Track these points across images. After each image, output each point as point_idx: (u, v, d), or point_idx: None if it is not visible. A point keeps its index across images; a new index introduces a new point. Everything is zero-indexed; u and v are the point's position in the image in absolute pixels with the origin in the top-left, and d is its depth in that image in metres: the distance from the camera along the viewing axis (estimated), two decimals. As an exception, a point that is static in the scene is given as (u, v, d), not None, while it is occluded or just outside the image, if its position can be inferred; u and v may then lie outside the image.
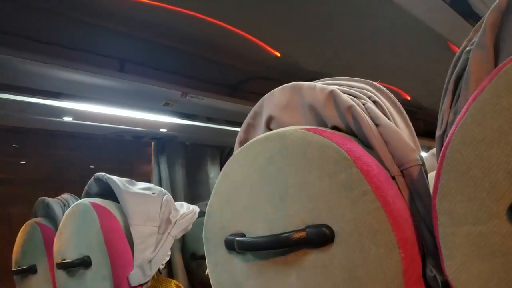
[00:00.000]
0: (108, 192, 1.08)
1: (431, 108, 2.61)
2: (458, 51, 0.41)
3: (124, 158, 2.56)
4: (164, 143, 2.06)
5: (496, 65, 0.35)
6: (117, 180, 1.06)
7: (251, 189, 0.49)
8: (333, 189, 0.40)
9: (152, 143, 2.10)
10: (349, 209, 0.39)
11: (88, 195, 1.16)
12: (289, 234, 0.42)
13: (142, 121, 1.68)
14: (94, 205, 1.00)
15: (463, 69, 0.39)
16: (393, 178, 0.42)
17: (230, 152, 2.37)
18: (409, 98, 2.46)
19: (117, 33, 1.46)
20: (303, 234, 0.41)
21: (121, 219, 1.01)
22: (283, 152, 0.45)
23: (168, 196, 1.12)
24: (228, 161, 0.53)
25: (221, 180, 0.54)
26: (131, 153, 2.57)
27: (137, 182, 1.14)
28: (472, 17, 1.36)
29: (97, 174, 1.12)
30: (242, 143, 0.58)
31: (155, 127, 1.76)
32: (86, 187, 1.17)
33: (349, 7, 1.46)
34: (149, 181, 2.07)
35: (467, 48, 0.39)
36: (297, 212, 0.43)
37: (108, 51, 1.59)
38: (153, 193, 1.09)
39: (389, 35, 1.68)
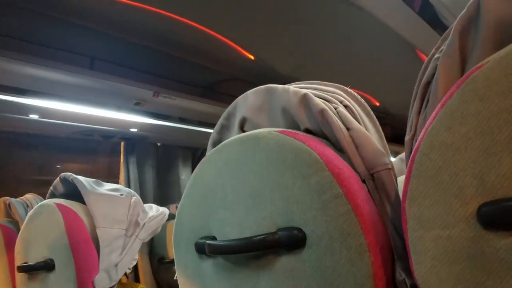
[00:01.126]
0: (74, 193, 1.05)
1: (399, 114, 2.69)
2: (427, 58, 0.42)
3: (92, 158, 2.48)
4: (134, 143, 2.02)
5: (463, 72, 0.37)
6: (83, 181, 1.03)
7: (223, 191, 0.48)
8: (305, 192, 0.40)
9: (122, 143, 2.05)
10: (321, 212, 0.39)
11: (53, 195, 1.12)
12: (261, 237, 0.42)
13: (112, 120, 1.64)
14: (59, 206, 0.96)
15: (432, 75, 0.40)
16: (364, 181, 0.43)
17: (202, 154, 2.35)
18: (377, 104, 2.52)
19: (88, 30, 1.42)
20: (274, 237, 0.41)
21: (87, 221, 0.98)
22: (256, 154, 0.45)
23: (136, 197, 1.10)
24: (201, 162, 0.53)
25: (192, 181, 0.53)
26: (99, 153, 2.49)
27: (105, 183, 1.12)
28: (439, 26, 1.41)
29: (63, 174, 1.09)
30: (215, 144, 0.57)
31: (125, 126, 1.72)
32: (51, 187, 1.13)
33: (321, 13, 1.48)
34: (117, 182, 2.02)
35: (436, 55, 0.40)
36: (269, 215, 0.43)
37: (77, 48, 1.54)
38: (121, 195, 1.06)
39: (359, 42, 1.72)
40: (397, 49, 1.76)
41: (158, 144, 2.19)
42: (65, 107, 1.45)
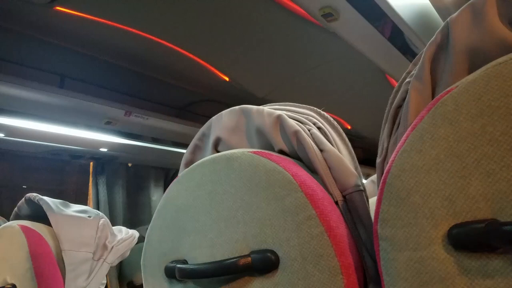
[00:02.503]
0: (40, 215, 1.00)
1: (370, 137, 2.76)
2: (398, 82, 0.43)
3: (60, 178, 2.39)
4: (104, 164, 1.96)
5: (433, 96, 0.38)
6: (50, 202, 0.99)
7: (195, 213, 0.47)
8: (279, 213, 0.40)
9: (91, 163, 1.99)
10: (294, 233, 0.39)
11: (18, 217, 1.07)
12: (233, 260, 0.41)
13: (81, 140, 1.59)
14: (23, 228, 0.91)
15: (403, 99, 0.41)
16: (336, 203, 0.43)
17: (175, 174, 2.31)
18: (349, 127, 2.58)
19: (58, 47, 1.39)
20: (247, 260, 0.40)
21: (53, 244, 0.94)
22: (230, 175, 0.44)
23: (105, 219, 1.06)
24: (172, 183, 0.51)
25: (163, 203, 0.52)
26: (67, 173, 2.41)
27: (72, 204, 1.08)
28: (409, 52, 1.47)
29: (28, 194, 1.04)
30: (188, 165, 0.56)
31: (95, 146, 1.68)
32: (15, 208, 1.08)
33: (296, 38, 1.52)
34: (86, 204, 1.95)
35: (407, 80, 0.41)
36: (242, 237, 0.42)
37: (47, 66, 1.51)
38: (88, 216, 1.02)
39: (332, 67, 1.77)
40: (368, 74, 1.82)
41: (129, 164, 2.14)
42: (32, 125, 1.40)
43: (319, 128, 0.49)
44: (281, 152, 0.48)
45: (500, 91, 0.29)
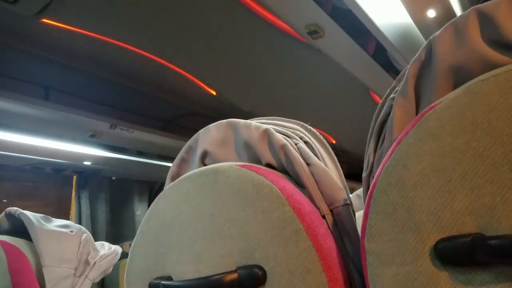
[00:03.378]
0: (20, 229, 0.97)
1: (354, 151, 2.79)
2: (383, 98, 0.44)
3: (42, 192, 2.33)
4: (87, 177, 1.93)
5: (417, 112, 0.38)
6: (31, 216, 0.96)
7: (180, 228, 0.46)
8: (266, 228, 0.40)
9: (74, 176, 1.96)
10: (281, 248, 0.38)
11: (-3, 232, 1.03)
12: (220, 276, 0.40)
13: (64, 153, 1.57)
14: (2, 243, 0.88)
15: (387, 114, 0.41)
16: (323, 217, 0.43)
17: (160, 188, 2.28)
18: (334, 141, 2.61)
19: (43, 59, 1.38)
20: (234, 276, 0.39)
21: (33, 260, 0.91)
22: (217, 189, 0.44)
23: (87, 234, 1.03)
24: (158, 197, 0.51)
25: (148, 217, 0.51)
26: (49, 187, 2.35)
27: (54, 218, 1.05)
28: (392, 69, 1.51)
29: (8, 208, 1.01)
30: (174, 178, 0.55)
31: (78, 159, 1.65)
32: (-5, 223, 1.04)
33: (282, 54, 1.54)
34: (68, 218, 1.91)
35: (391, 96, 0.42)
36: (229, 252, 0.42)
37: (31, 78, 1.49)
38: (70, 231, 1.00)
39: (317, 82, 1.80)
40: (353, 90, 1.85)
41: (113, 178, 2.11)
42: (15, 138, 1.37)
43: (306, 142, 0.49)
44: (269, 165, 0.48)
45: (483, 107, 0.30)
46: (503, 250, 0.27)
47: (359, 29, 1.22)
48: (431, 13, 1.18)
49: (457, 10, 1.15)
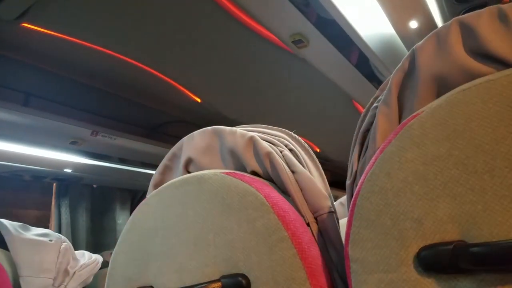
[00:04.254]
0: (-4, 239, 0.94)
1: (338, 160, 2.81)
2: (366, 106, 0.44)
3: (21, 199, 2.27)
4: (68, 185, 1.89)
5: (400, 121, 0.39)
6: (8, 224, 0.94)
7: (163, 236, 0.46)
8: (251, 236, 0.39)
9: (54, 184, 1.91)
10: (266, 256, 0.38)
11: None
12: (203, 285, 0.39)
13: (44, 160, 1.53)
14: (-26, 254, 0.85)
15: (371, 123, 0.42)
16: (308, 224, 0.43)
17: (143, 196, 2.24)
18: (318, 150, 2.62)
19: (23, 64, 1.35)
20: (218, 285, 0.39)
21: (10, 270, 0.88)
22: (201, 196, 0.43)
23: (67, 244, 1.01)
24: (140, 205, 0.50)
25: (130, 225, 0.50)
26: (29, 194, 2.29)
27: (32, 227, 1.02)
28: (374, 79, 1.53)
29: (-17, 217, 0.98)
30: (157, 186, 0.55)
31: (59, 166, 1.62)
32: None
33: (267, 63, 1.55)
34: (47, 227, 1.86)
35: (374, 105, 0.42)
36: (212, 261, 0.41)
37: (11, 83, 1.45)
38: (49, 240, 0.97)
39: (302, 91, 1.81)
40: (336, 99, 1.87)
41: (94, 185, 2.07)
42: (-9, 144, 1.33)
43: (291, 150, 0.49)
44: (254, 173, 0.48)
45: (465, 116, 0.31)
46: (485, 257, 0.27)
47: (343, 39, 1.24)
48: (413, 24, 1.21)
49: (439, 21, 1.17)
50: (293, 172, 0.45)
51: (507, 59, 0.33)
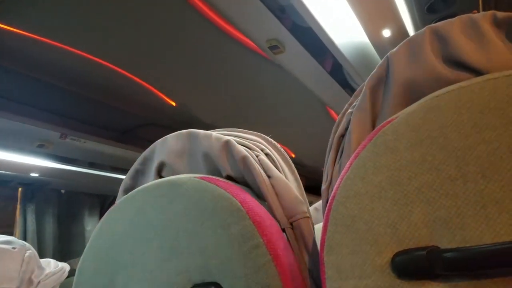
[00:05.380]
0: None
1: (312, 165, 2.84)
2: (341, 112, 0.44)
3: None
4: (34, 190, 1.81)
5: (374, 126, 0.39)
6: (-35, 232, 0.88)
7: (133, 243, 0.44)
8: (225, 242, 0.38)
9: (20, 189, 1.83)
10: (241, 263, 0.37)
11: None
12: None
13: (9, 164, 1.47)
14: None
15: (346, 128, 0.42)
16: (283, 230, 0.42)
17: (113, 202, 2.19)
18: (293, 155, 2.64)
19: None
20: None
21: (-34, 281, 0.83)
22: (174, 201, 0.42)
23: (31, 251, 0.96)
24: (109, 210, 0.48)
25: (98, 232, 0.48)
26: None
27: (-6, 234, 0.97)
28: (348, 86, 1.56)
29: None
30: (127, 191, 0.53)
31: (25, 170, 1.55)
32: None
33: (244, 69, 1.55)
34: (12, 234, 1.78)
35: (349, 110, 0.43)
36: (184, 269, 0.40)
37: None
38: (13, 248, 0.92)
39: (278, 97, 1.82)
40: (311, 105, 1.89)
41: (62, 191, 2.00)
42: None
43: (267, 155, 0.49)
44: (229, 178, 0.47)
45: (438, 122, 0.31)
46: (458, 262, 0.28)
47: (318, 46, 1.26)
48: (386, 33, 1.24)
49: (411, 30, 1.21)
50: (269, 176, 0.45)
51: (478, 67, 0.34)
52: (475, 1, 1.02)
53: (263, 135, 0.55)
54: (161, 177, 0.51)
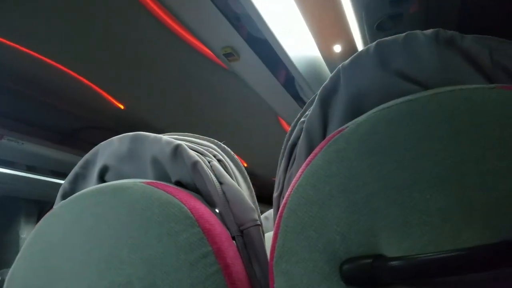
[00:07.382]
0: None
1: (264, 175, 2.86)
2: (294, 121, 0.45)
3: None
4: (-39, 194, 1.66)
5: (326, 135, 0.40)
6: None
7: (71, 252, 0.41)
8: (171, 251, 0.36)
9: None
10: (187, 273, 0.36)
11: None
12: None
13: None
14: None
15: (298, 137, 0.43)
16: (233, 238, 0.41)
17: (51, 208, 2.05)
18: (246, 164, 2.65)
19: None
20: None
21: None
22: (117, 208, 0.39)
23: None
24: (45, 216, 0.44)
25: (32, 239, 0.44)
26: None
27: None
28: (299, 99, 1.60)
29: None
30: (66, 196, 0.49)
31: (-49, 173, 1.41)
32: None
33: (197, 75, 1.53)
34: None
35: (301, 119, 0.43)
36: (126, 280, 0.37)
37: None
38: None
39: (231, 106, 1.82)
40: (264, 115, 1.91)
41: (-5, 196, 1.84)
42: None
43: (219, 161, 0.48)
44: (178, 183, 0.45)
45: (386, 133, 0.32)
46: (404, 270, 0.28)
47: (272, 57, 1.28)
48: (337, 48, 1.28)
49: (360, 46, 1.26)
50: (221, 183, 0.44)
51: (421, 81, 0.35)
52: (423, 21, 1.09)
53: (216, 141, 0.54)
54: (103, 181, 0.48)
